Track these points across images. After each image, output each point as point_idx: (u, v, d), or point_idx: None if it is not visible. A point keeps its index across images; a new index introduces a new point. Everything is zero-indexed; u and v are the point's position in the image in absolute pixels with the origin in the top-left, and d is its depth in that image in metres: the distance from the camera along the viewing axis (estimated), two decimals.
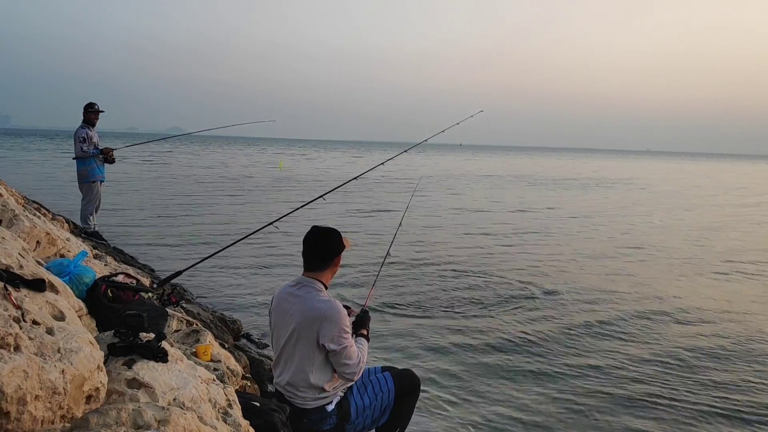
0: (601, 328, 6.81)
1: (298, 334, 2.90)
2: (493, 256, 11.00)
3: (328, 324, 2.85)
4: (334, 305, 2.91)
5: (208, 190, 22.06)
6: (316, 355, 2.90)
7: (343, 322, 2.89)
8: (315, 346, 2.88)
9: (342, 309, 2.93)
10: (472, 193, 24.48)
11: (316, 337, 2.86)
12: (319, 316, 2.86)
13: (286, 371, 2.99)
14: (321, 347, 2.88)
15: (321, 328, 2.85)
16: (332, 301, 2.94)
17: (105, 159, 8.89)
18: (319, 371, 2.93)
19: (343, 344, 2.88)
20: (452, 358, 5.79)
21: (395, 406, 3.21)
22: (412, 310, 7.30)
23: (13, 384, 1.74)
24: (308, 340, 2.89)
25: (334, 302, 2.94)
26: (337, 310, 2.89)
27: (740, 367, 5.72)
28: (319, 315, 2.86)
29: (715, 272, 10.24)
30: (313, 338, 2.87)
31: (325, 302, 2.91)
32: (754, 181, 44.68)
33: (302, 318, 2.89)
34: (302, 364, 2.92)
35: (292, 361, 2.95)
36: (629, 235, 14.45)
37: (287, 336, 2.94)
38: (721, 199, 27.00)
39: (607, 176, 42.70)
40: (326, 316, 2.85)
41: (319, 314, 2.86)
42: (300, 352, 2.92)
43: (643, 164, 79.19)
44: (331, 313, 2.87)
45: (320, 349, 2.89)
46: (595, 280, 9.28)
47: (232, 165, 40.99)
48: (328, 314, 2.86)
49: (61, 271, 3.29)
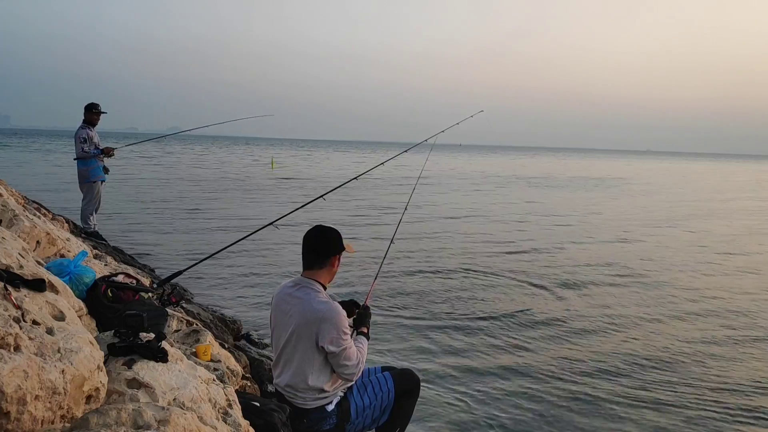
0: (614, 328, 6.82)
1: (297, 335, 2.90)
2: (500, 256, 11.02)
3: (327, 326, 2.84)
4: (333, 306, 2.90)
5: (208, 190, 22.06)
6: (315, 357, 2.90)
7: (341, 323, 2.88)
8: (314, 347, 2.88)
9: (341, 310, 2.91)
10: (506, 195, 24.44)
11: (315, 338, 2.86)
12: (318, 318, 2.84)
13: (285, 372, 2.99)
14: (320, 349, 2.87)
15: (320, 329, 2.84)
16: (331, 302, 2.93)
17: (106, 156, 8.89)
18: (318, 372, 2.93)
19: (342, 346, 2.87)
20: (453, 358, 5.78)
21: (395, 405, 3.21)
22: (411, 309, 7.30)
23: (13, 384, 1.74)
24: (307, 342, 2.88)
25: (333, 303, 2.93)
26: (336, 311, 2.88)
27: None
28: (318, 317, 2.85)
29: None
30: (312, 340, 2.87)
31: (324, 303, 2.89)
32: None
33: (301, 319, 2.88)
34: (302, 364, 2.92)
35: (291, 362, 2.95)
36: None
37: (287, 337, 2.93)
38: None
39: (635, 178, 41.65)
40: (325, 318, 2.84)
41: (318, 316, 2.85)
42: (299, 353, 2.91)
43: (662, 165, 77.71)
44: (330, 314, 2.86)
45: (319, 350, 2.88)
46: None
47: (231, 165, 40.99)
48: (326, 316, 2.85)
49: (61, 271, 3.29)
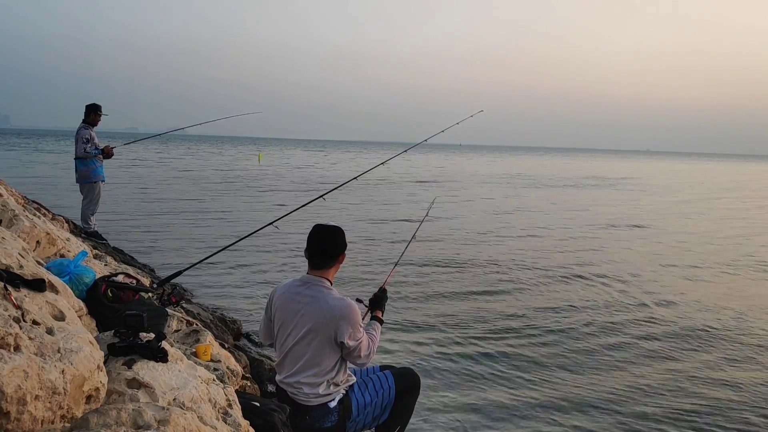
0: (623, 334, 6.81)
1: (314, 333, 2.93)
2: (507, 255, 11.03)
3: (346, 322, 2.91)
4: (349, 303, 2.98)
5: (208, 190, 22.06)
6: (329, 353, 2.96)
7: (358, 318, 2.97)
8: (332, 343, 2.94)
9: (355, 305, 3.01)
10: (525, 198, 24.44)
11: (333, 335, 2.92)
12: (337, 315, 2.91)
13: (294, 369, 3.01)
14: (338, 344, 2.94)
15: (339, 326, 2.91)
16: (345, 298, 3.00)
17: (105, 155, 8.88)
18: (329, 368, 2.99)
19: (359, 339, 2.97)
20: (452, 357, 5.79)
21: (396, 404, 3.24)
22: (414, 307, 7.31)
23: (13, 384, 1.74)
24: (325, 339, 2.93)
25: (348, 300, 3.01)
26: (352, 307, 2.96)
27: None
28: (337, 314, 2.91)
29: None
30: (330, 336, 2.93)
31: (340, 300, 2.96)
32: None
33: (320, 318, 2.92)
34: (313, 362, 2.96)
35: (301, 360, 2.98)
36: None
37: (300, 335, 2.96)
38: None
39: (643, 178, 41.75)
40: (343, 315, 2.92)
41: (336, 313, 2.91)
42: (313, 350, 2.95)
43: (669, 165, 77.43)
44: (348, 311, 2.93)
45: (336, 346, 2.95)
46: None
47: (231, 164, 41.00)
48: (345, 312, 2.92)
49: (61, 271, 3.29)
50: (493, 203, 21.15)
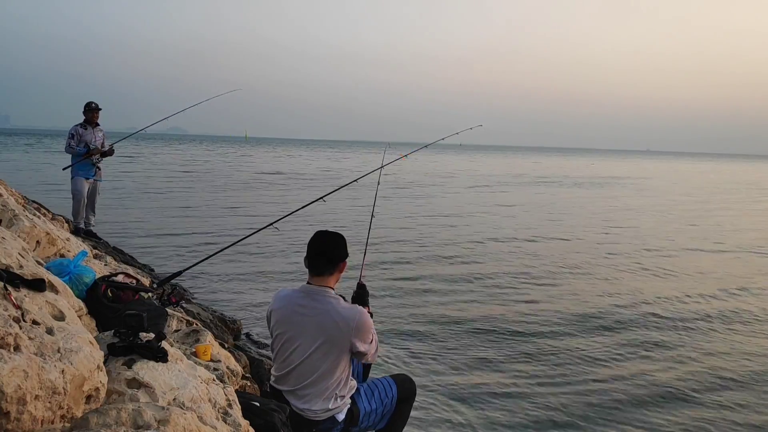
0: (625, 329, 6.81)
1: (329, 345, 2.84)
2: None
3: (363, 331, 2.86)
4: (360, 310, 2.91)
5: (208, 190, 22.05)
6: (342, 363, 2.89)
7: (371, 324, 2.92)
8: (346, 353, 2.87)
9: (365, 311, 2.95)
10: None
11: (349, 345, 2.85)
12: (353, 326, 2.83)
13: (303, 383, 2.91)
14: (353, 353, 2.89)
15: (356, 336, 2.84)
16: (355, 306, 2.93)
17: (102, 155, 8.78)
18: (340, 381, 2.92)
19: (371, 342, 2.93)
20: (452, 355, 5.79)
21: (395, 411, 3.20)
22: (409, 305, 7.31)
23: (13, 384, 1.74)
24: (341, 350, 2.86)
25: (357, 307, 2.93)
26: (364, 313, 2.90)
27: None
28: (353, 324, 2.84)
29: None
30: (346, 347, 2.85)
31: (351, 309, 2.88)
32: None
33: (335, 330, 2.83)
34: (325, 375, 2.87)
35: (312, 375, 2.88)
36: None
37: (312, 350, 2.85)
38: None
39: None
40: (359, 323, 2.85)
41: (352, 324, 2.83)
42: (328, 363, 2.86)
43: (682, 165, 76.84)
44: (363, 318, 2.87)
45: (350, 354, 2.90)
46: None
47: (231, 164, 40.98)
48: (360, 321, 2.85)
49: (61, 271, 3.29)
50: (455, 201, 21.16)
